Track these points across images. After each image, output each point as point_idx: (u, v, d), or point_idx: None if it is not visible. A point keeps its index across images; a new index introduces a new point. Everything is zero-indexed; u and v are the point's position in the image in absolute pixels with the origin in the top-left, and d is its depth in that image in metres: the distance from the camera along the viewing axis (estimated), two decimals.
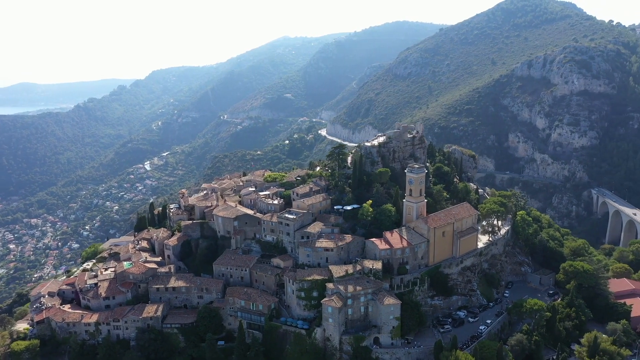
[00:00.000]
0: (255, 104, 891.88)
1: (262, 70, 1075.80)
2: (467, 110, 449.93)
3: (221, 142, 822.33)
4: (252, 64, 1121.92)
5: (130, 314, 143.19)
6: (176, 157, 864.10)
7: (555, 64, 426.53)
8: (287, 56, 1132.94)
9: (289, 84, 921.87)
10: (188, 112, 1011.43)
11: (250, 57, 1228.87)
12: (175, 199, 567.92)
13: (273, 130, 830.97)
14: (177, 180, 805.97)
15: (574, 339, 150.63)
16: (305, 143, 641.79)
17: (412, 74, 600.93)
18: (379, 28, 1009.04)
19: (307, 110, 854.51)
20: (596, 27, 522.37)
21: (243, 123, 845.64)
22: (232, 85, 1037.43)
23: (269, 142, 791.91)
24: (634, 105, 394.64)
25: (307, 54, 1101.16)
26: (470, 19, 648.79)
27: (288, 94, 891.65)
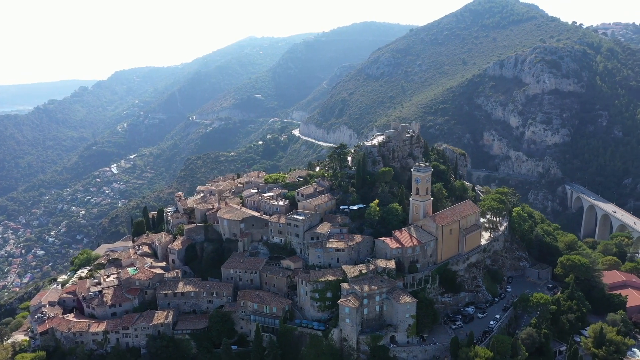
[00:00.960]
0: (224, 105, 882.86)
1: (230, 70, 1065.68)
2: (442, 110, 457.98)
3: (191, 144, 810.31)
4: (219, 64, 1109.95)
5: (140, 321, 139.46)
6: (144, 159, 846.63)
7: (527, 64, 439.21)
8: (254, 56, 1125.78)
9: (258, 84, 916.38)
10: (155, 113, 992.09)
11: (217, 57, 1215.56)
12: (149, 202, 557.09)
13: (244, 131, 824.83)
14: (146, 183, 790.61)
15: (576, 331, 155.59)
16: (279, 143, 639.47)
17: (385, 74, 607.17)
18: (347, 28, 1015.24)
19: (278, 110, 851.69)
20: (561, 28, 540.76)
21: (213, 124, 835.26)
22: (200, 86, 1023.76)
23: (240, 143, 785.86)
24: (602, 103, 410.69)
25: (275, 54, 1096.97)
26: (440, 20, 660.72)
27: (258, 94, 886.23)
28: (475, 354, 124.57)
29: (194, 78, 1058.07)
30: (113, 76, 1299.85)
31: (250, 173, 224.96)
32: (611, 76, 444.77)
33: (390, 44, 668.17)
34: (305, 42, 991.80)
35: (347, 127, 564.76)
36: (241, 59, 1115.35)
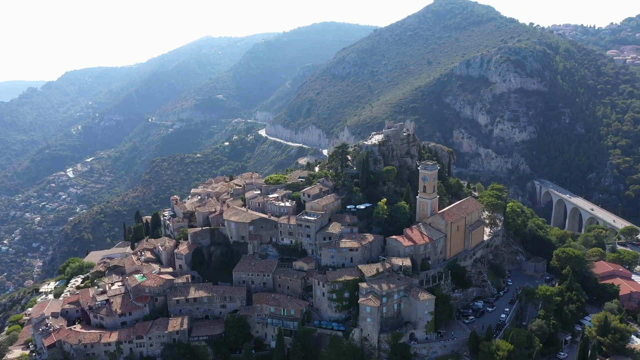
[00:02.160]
0: (185, 106, 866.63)
1: (189, 70, 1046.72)
2: (412, 109, 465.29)
3: (152, 146, 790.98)
4: (177, 64, 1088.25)
5: (155, 329, 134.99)
6: (102, 162, 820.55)
7: (492, 64, 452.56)
8: (213, 56, 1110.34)
9: (219, 84, 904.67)
10: (111, 115, 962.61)
11: (174, 57, 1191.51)
12: (114, 206, 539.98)
13: (206, 132, 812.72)
14: (105, 187, 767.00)
15: (576, 321, 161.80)
16: (246, 144, 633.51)
17: (351, 74, 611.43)
18: (308, 28, 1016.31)
19: (241, 111, 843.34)
20: (520, 30, 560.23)
21: (174, 125, 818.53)
22: (158, 86, 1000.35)
23: (203, 144, 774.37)
24: (564, 101, 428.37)
25: (234, 54, 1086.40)
26: (403, 21, 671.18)
27: (219, 94, 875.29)
28: (497, 348, 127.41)
29: (152, 78, 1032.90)
30: (63, 77, 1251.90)
31: (243, 174, 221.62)
32: (570, 75, 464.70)
33: (355, 44, 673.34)
34: (266, 42, 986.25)
35: (316, 127, 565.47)
36: (200, 59, 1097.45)
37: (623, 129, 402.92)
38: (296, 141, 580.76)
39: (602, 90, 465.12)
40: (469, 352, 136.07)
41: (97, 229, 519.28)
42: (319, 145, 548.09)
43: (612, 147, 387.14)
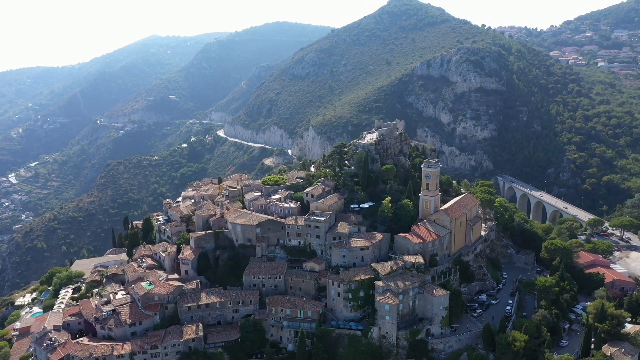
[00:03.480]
0: (136, 107, 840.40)
1: (137, 70, 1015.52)
2: (376, 108, 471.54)
3: (102, 149, 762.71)
4: (124, 64, 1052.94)
5: (169, 338, 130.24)
6: (48, 167, 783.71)
7: (452, 64, 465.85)
8: (162, 56, 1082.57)
9: (171, 85, 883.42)
10: (55, 117, 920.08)
11: (120, 56, 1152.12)
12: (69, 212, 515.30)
13: (159, 133, 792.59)
14: (52, 192, 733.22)
15: (569, 309, 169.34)
16: (205, 146, 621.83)
17: (311, 74, 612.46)
18: (260, 28, 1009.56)
19: (195, 112, 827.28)
20: (475, 31, 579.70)
21: (125, 127, 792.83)
22: (105, 87, 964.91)
23: (157, 146, 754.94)
24: (521, 100, 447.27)
25: (184, 54, 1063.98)
26: (359, 21, 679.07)
27: (172, 95, 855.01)
28: (514, 339, 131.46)
29: (98, 79, 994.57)
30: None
31: (232, 176, 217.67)
32: (524, 75, 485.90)
33: (313, 44, 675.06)
34: (219, 41, 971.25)
35: (278, 127, 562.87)
36: (148, 58, 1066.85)
37: (576, 126, 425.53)
38: (257, 142, 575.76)
39: (553, 89, 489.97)
40: (483, 344, 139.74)
41: (51, 237, 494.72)
42: (282, 145, 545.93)
43: (567, 143, 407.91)
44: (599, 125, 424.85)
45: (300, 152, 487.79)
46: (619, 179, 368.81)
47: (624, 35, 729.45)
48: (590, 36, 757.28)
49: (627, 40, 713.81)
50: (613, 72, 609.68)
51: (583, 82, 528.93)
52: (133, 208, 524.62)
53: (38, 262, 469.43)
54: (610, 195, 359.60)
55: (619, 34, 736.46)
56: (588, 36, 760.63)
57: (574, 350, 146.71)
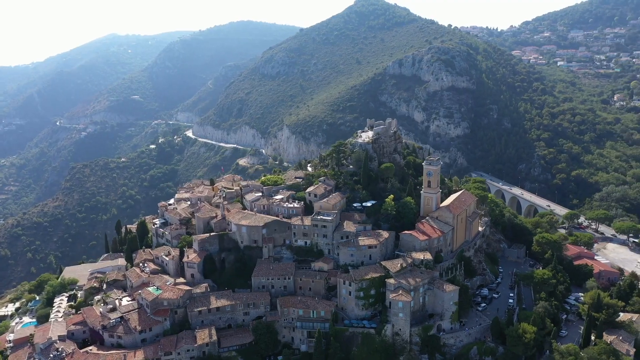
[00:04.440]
0: (98, 108, 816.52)
1: (97, 70, 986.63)
2: (349, 107, 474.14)
3: (63, 151, 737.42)
4: (82, 63, 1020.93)
5: (183, 344, 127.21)
6: (4, 171, 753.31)
7: (424, 63, 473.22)
8: (123, 55, 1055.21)
9: (134, 85, 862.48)
10: (10, 118, 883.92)
11: (78, 55, 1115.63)
12: (33, 217, 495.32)
13: (124, 135, 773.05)
14: (10, 197, 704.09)
15: (563, 300, 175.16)
16: (174, 147, 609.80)
17: (281, 73, 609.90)
18: (225, 27, 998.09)
19: (160, 112, 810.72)
20: (442, 31, 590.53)
21: (87, 129, 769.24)
22: (63, 87, 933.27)
23: (122, 148, 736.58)
24: (491, 98, 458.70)
25: (146, 53, 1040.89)
26: (328, 21, 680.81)
27: (135, 95, 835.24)
28: (524, 331, 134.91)
29: (55, 79, 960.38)
30: None
31: (224, 177, 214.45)
32: (493, 74, 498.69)
33: (282, 44, 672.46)
34: (182, 40, 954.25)
35: (250, 127, 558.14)
36: (108, 57, 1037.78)
37: (544, 123, 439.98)
38: (229, 142, 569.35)
39: (520, 87, 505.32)
40: (492, 337, 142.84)
41: (15, 244, 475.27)
42: (254, 145, 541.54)
43: (536, 140, 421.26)
44: (564, 122, 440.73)
45: (275, 152, 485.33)
46: (586, 174, 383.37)
47: (580, 35, 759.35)
48: (549, 36, 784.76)
49: (583, 40, 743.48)
50: (572, 71, 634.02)
51: (546, 81, 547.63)
52: (102, 212, 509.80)
53: (2, 270, 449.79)
54: (579, 190, 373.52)
55: (575, 34, 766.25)
56: (546, 36, 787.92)
57: (573, 340, 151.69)
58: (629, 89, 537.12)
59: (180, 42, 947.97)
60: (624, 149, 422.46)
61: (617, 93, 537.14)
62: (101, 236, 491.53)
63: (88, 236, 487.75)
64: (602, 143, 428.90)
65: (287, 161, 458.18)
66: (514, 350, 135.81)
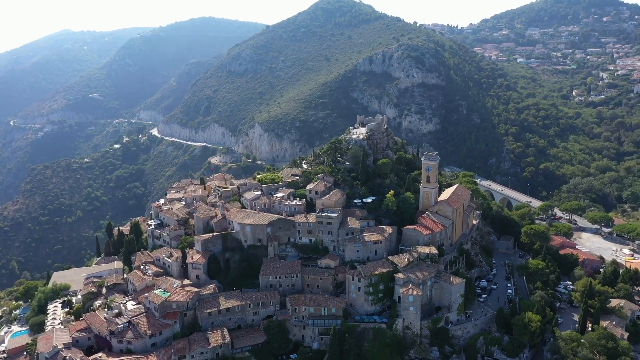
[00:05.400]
0: (55, 106, 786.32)
1: (52, 67, 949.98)
2: (321, 104, 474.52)
3: (19, 152, 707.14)
4: (35, 60, 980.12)
5: (196, 346, 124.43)
6: None
7: (395, 60, 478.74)
8: (78, 52, 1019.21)
9: (92, 82, 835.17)
10: None
11: (30, 52, 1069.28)
12: None
13: (84, 134, 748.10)
14: None
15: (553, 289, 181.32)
16: (139, 146, 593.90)
17: (249, 70, 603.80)
18: (186, 23, 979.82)
19: (121, 110, 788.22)
20: (409, 28, 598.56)
21: (44, 129, 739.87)
22: (15, 86, 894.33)
23: (82, 148, 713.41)
24: (460, 94, 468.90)
25: (103, 50, 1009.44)
26: (294, 17, 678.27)
27: (94, 93, 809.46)
28: (530, 320, 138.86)
29: (7, 76, 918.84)
30: None
31: (215, 175, 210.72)
32: (460, 70, 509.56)
33: (249, 41, 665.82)
34: (142, 37, 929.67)
35: (219, 125, 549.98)
36: (63, 54, 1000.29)
37: (511, 118, 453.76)
38: (197, 140, 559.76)
39: (486, 84, 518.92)
40: (497, 327, 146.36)
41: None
42: (224, 143, 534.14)
43: (505, 135, 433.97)
44: (530, 117, 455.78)
45: (247, 150, 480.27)
46: (554, 167, 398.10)
47: (537, 33, 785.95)
48: (507, 34, 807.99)
49: (540, 37, 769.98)
50: (532, 67, 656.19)
51: (509, 77, 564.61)
52: (66, 214, 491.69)
53: None
54: (547, 182, 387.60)
55: (532, 32, 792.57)
56: (505, 34, 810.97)
57: (567, 327, 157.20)
58: (586, 85, 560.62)
59: (140, 39, 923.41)
60: (586, 142, 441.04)
61: (575, 89, 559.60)
62: (67, 239, 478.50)
63: (52, 240, 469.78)
64: (566, 137, 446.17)
65: (260, 159, 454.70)
66: (521, 339, 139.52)
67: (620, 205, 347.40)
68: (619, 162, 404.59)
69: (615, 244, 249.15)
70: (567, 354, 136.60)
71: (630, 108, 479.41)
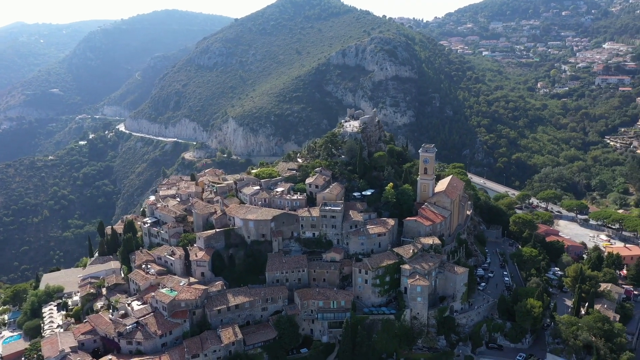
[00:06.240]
0: (12, 102, 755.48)
1: (6, 62, 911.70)
2: (296, 98, 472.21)
3: None
4: None
5: (209, 345, 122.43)
6: None
7: (368, 53, 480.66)
8: (35, 45, 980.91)
9: (52, 77, 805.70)
10: None
11: None
12: None
13: (44, 131, 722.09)
14: None
15: None
16: (106, 142, 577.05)
17: (219, 64, 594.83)
18: (149, 16, 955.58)
19: (83, 106, 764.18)
20: (379, 21, 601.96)
21: (1, 126, 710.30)
22: None
23: (44, 145, 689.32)
24: (432, 87, 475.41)
25: (61, 43, 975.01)
26: (263, 10, 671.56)
27: (54, 89, 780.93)
28: (532, 306, 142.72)
29: None
30: None
31: (206, 171, 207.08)
32: (431, 64, 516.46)
33: (217, 34, 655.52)
34: (104, 30, 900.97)
35: (190, 120, 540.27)
36: (18, 48, 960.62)
37: (482, 110, 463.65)
38: (168, 136, 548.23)
39: (456, 76, 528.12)
40: (498, 314, 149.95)
41: None
42: (195, 138, 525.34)
43: (477, 126, 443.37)
44: (500, 109, 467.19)
45: (221, 145, 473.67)
46: (525, 157, 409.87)
47: (500, 27, 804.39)
48: (471, 27, 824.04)
49: (503, 31, 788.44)
50: (497, 60, 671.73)
51: (476, 70, 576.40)
52: (32, 214, 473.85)
53: None
54: (519, 172, 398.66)
55: (495, 25, 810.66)
56: (469, 27, 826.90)
57: (561, 311, 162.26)
58: (550, 77, 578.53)
59: (102, 32, 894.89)
60: (553, 133, 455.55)
61: (540, 81, 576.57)
62: (34, 240, 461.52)
63: (18, 241, 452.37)
64: (535, 128, 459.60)
65: (235, 154, 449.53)
66: (524, 325, 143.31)
67: (589, 193, 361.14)
68: (585, 151, 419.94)
69: (592, 230, 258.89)
70: (568, 337, 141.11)
71: (592, 99, 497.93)
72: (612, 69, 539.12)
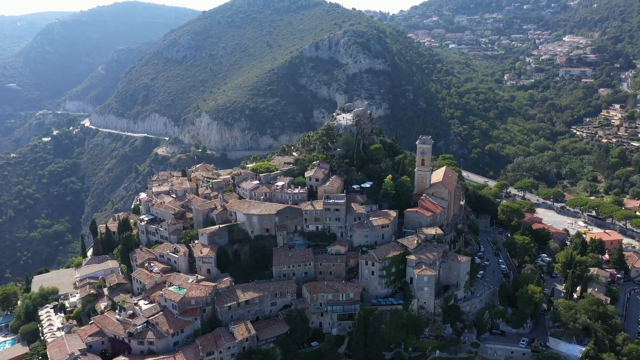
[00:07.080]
0: None
1: None
2: (270, 91, 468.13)
3: None
4: None
5: (223, 342, 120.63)
6: None
7: (342, 46, 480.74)
8: None
9: (8, 71, 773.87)
10: None
11: None
12: None
13: (2, 128, 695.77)
14: None
15: None
16: (72, 138, 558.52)
17: (188, 57, 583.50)
18: (109, 8, 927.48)
19: (43, 101, 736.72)
20: (349, 14, 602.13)
21: None
22: None
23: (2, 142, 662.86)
24: (406, 79, 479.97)
25: (15, 36, 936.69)
26: (231, 3, 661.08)
27: (11, 83, 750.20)
28: (533, 292, 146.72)
29: None
30: None
31: (197, 166, 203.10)
32: (403, 56, 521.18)
33: (185, 26, 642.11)
34: (62, 22, 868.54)
35: (160, 114, 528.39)
36: None
37: (454, 102, 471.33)
38: (137, 131, 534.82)
39: (427, 69, 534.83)
40: (499, 300, 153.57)
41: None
42: (167, 133, 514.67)
43: (450, 118, 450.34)
44: (471, 101, 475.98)
45: (194, 140, 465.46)
46: (498, 147, 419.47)
47: (464, 20, 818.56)
48: (437, 20, 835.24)
49: (468, 24, 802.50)
50: (463, 53, 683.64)
51: (445, 62, 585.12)
52: None
53: None
54: (493, 162, 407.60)
55: (460, 18, 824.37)
56: (435, 20, 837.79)
57: (555, 296, 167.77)
58: (516, 69, 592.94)
59: (60, 24, 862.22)
60: (523, 124, 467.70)
61: (506, 73, 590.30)
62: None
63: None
64: (505, 119, 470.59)
65: (210, 149, 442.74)
66: (525, 310, 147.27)
67: (560, 181, 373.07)
68: (554, 141, 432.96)
69: (569, 217, 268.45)
70: (568, 320, 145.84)
71: (557, 90, 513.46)
72: (574, 61, 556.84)
